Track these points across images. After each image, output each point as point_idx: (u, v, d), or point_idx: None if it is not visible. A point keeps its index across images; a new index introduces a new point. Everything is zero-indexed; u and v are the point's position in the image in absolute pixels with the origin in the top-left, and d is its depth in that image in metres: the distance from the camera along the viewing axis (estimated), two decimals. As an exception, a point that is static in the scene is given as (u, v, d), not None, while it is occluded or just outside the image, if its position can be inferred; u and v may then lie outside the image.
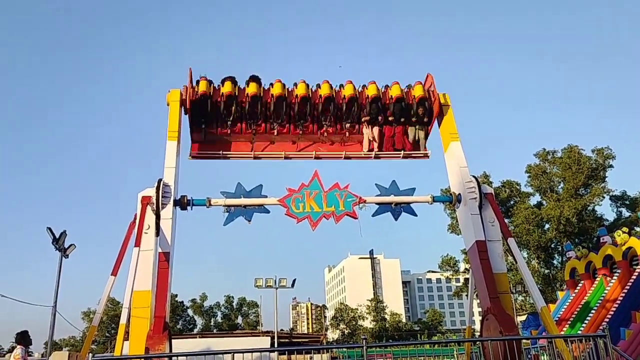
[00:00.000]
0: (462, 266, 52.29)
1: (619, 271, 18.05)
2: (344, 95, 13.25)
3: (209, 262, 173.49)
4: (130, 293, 10.19)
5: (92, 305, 74.46)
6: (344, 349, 26.04)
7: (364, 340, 8.66)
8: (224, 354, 9.17)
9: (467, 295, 45.23)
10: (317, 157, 13.59)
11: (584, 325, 17.37)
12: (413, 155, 13.79)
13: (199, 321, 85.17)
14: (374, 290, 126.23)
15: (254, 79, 13.18)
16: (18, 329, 9.99)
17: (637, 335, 14.67)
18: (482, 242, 11.58)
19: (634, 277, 17.14)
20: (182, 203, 11.71)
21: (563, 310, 19.83)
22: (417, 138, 13.78)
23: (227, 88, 12.90)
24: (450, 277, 61.08)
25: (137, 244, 10.67)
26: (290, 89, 13.25)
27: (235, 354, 8.71)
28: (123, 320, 10.13)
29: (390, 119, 13.50)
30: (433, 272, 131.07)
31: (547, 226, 44.79)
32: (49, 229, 21.46)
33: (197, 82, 12.99)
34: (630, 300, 16.35)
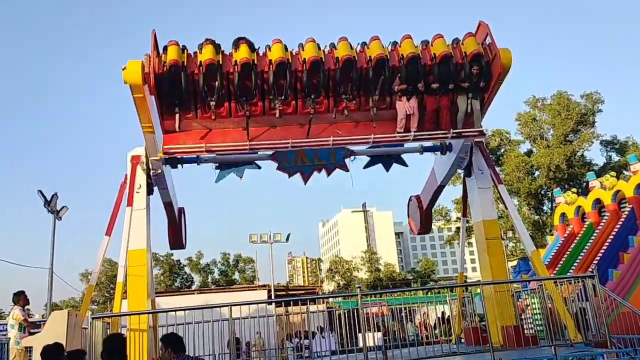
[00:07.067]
0: (454, 215, 52.97)
1: (607, 214, 18.33)
2: (370, 57, 10.03)
3: (203, 220, 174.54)
4: (125, 252, 10.39)
5: (90, 267, 75.21)
6: (340, 299, 26.56)
7: (359, 289, 8.85)
8: (222, 307, 9.38)
9: (458, 243, 45.95)
10: (335, 144, 10.62)
11: (573, 268, 17.73)
12: (465, 134, 10.75)
13: (197, 278, 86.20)
14: (367, 242, 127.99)
15: (244, 41, 9.99)
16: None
17: (625, 275, 15.05)
18: None
19: (622, 219, 17.44)
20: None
21: (553, 254, 20.20)
22: (469, 110, 10.54)
23: (207, 55, 9.72)
24: (442, 226, 61.82)
25: (129, 203, 10.76)
26: (295, 52, 10.10)
27: (233, 307, 8.91)
28: (120, 278, 10.39)
29: (433, 86, 10.19)
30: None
31: (537, 173, 45.14)
32: (40, 191, 21.41)
33: (165, 48, 9.83)
34: (618, 242, 16.66)
